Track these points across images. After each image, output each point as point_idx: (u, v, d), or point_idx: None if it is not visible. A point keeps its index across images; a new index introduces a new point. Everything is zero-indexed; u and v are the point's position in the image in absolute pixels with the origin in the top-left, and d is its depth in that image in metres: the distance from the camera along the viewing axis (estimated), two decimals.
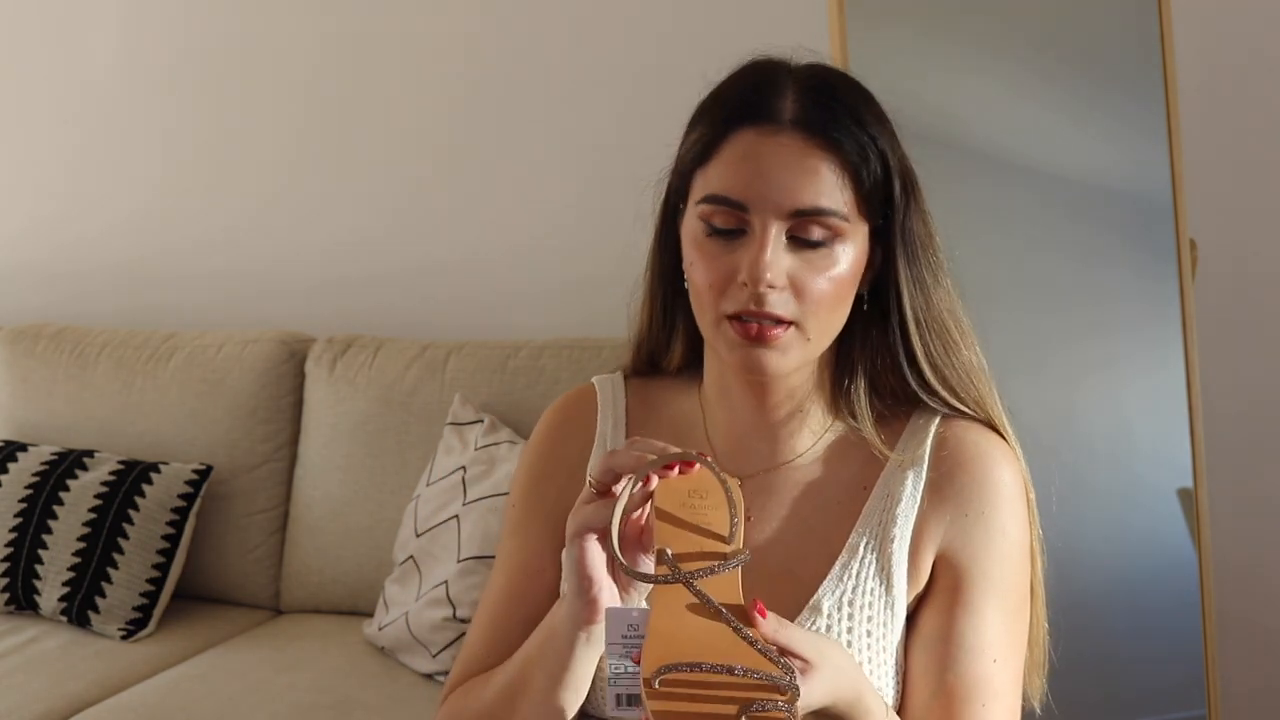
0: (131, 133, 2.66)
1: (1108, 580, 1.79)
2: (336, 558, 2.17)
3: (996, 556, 0.98)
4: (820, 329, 0.94)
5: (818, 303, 0.92)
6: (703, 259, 0.94)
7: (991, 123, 1.82)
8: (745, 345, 0.93)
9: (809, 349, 0.95)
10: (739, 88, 0.96)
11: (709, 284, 0.93)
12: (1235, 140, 1.99)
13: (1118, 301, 1.81)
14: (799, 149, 0.92)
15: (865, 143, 0.93)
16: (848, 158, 0.92)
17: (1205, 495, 1.77)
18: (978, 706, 0.94)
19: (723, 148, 0.94)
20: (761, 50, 1.01)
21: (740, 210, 0.92)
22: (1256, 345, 2.02)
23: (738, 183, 0.92)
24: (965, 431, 1.01)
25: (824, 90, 0.95)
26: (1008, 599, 0.98)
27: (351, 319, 2.45)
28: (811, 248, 0.92)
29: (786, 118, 0.92)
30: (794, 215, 0.91)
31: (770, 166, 0.91)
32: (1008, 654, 0.97)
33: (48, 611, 2.12)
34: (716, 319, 0.94)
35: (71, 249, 2.73)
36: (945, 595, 0.97)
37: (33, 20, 2.71)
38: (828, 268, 0.92)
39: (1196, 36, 1.93)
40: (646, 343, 1.08)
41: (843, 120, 0.93)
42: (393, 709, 1.79)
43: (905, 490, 0.99)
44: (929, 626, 0.97)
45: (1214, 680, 1.75)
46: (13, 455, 2.24)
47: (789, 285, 0.92)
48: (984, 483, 0.99)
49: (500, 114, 2.39)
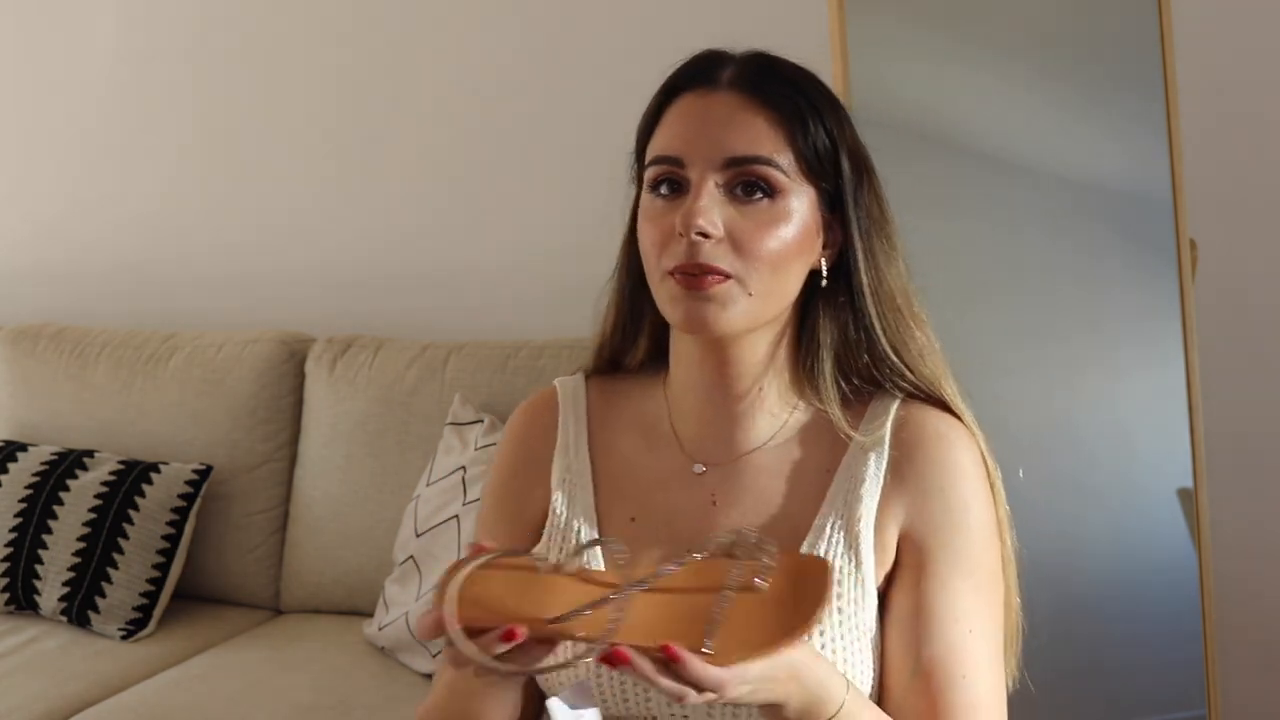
0: (133, 135, 2.66)
1: (1107, 581, 1.79)
2: (336, 558, 2.17)
3: (959, 530, 0.99)
4: (763, 287, 0.94)
5: (758, 257, 0.93)
6: (648, 220, 0.96)
7: (992, 122, 1.82)
8: (685, 298, 0.93)
9: (752, 306, 0.94)
10: (685, 64, 1.00)
11: (652, 242, 0.95)
12: (1235, 140, 1.99)
13: (1117, 301, 1.81)
14: (734, 103, 0.94)
15: (803, 106, 0.95)
16: (783, 114, 0.94)
17: (1205, 495, 1.77)
18: (958, 677, 0.95)
19: (665, 114, 0.98)
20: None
21: (678, 165, 0.94)
22: (1256, 345, 2.02)
23: (675, 139, 0.95)
24: (924, 414, 1.02)
25: (765, 61, 0.98)
26: (975, 573, 0.99)
27: (351, 319, 2.45)
28: (753, 200, 0.93)
29: (724, 79, 0.96)
30: (728, 165, 0.93)
31: (705, 121, 0.94)
32: (982, 625, 0.97)
33: (48, 611, 2.12)
34: (661, 277, 0.95)
35: (72, 250, 2.73)
36: (912, 572, 0.98)
37: (36, 23, 2.71)
38: (769, 223, 0.93)
39: (1196, 36, 1.93)
40: (611, 338, 1.09)
41: (780, 84, 0.95)
42: (393, 709, 1.79)
43: (868, 470, 1.00)
44: (900, 606, 0.98)
45: (1214, 681, 1.75)
46: (13, 455, 2.24)
47: (727, 238, 0.92)
48: (942, 462, 1.00)
49: (500, 116, 2.39)
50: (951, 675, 0.95)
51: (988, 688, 0.96)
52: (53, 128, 2.73)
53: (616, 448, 1.07)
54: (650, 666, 0.78)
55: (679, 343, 1.03)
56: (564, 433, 1.09)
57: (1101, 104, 1.79)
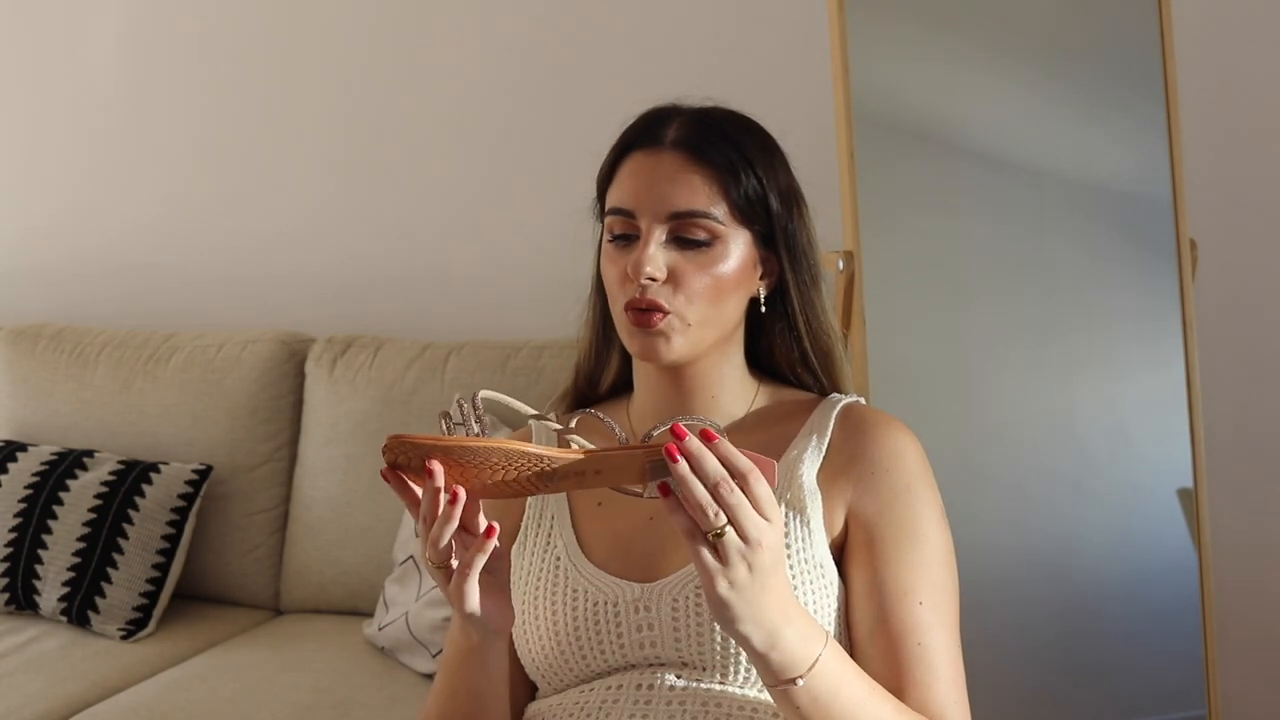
0: (133, 136, 2.66)
1: (1108, 580, 1.79)
2: (336, 558, 2.17)
3: (903, 507, 1.08)
4: (700, 318, 1.09)
5: (695, 293, 1.07)
6: (608, 261, 1.12)
7: (992, 122, 1.82)
8: (638, 333, 1.09)
9: (693, 334, 1.09)
10: (637, 122, 1.14)
11: (612, 280, 1.11)
12: (1235, 140, 1.99)
13: (1118, 301, 1.81)
14: (677, 164, 1.09)
15: (736, 160, 1.09)
16: (719, 171, 1.08)
17: (1205, 495, 1.77)
18: (913, 645, 1.04)
19: (619, 169, 1.12)
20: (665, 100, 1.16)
21: (630, 217, 1.09)
22: (1256, 345, 2.02)
23: (628, 194, 1.10)
24: (866, 410, 1.16)
25: (704, 119, 1.12)
26: (922, 548, 1.07)
27: (351, 319, 2.45)
28: (694, 247, 1.08)
29: (668, 140, 1.10)
30: (672, 218, 1.08)
31: (653, 179, 1.09)
32: (932, 597, 1.06)
33: (48, 611, 2.12)
34: (620, 310, 1.10)
35: (73, 250, 2.73)
36: (863, 550, 1.08)
37: (39, 25, 2.71)
38: (707, 264, 1.08)
39: (1196, 36, 1.93)
40: (587, 361, 1.24)
41: (716, 142, 1.09)
42: (393, 709, 1.79)
43: (810, 443, 1.12)
44: (857, 583, 1.08)
45: (1214, 680, 1.75)
46: (13, 455, 2.24)
47: (670, 279, 1.07)
48: (885, 444, 1.11)
49: (500, 115, 2.39)
50: (907, 643, 1.04)
51: (940, 651, 1.04)
52: (55, 128, 2.73)
53: None
54: (701, 453, 0.88)
55: (640, 364, 1.18)
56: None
57: (1102, 104, 1.80)
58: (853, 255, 1.76)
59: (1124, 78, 1.79)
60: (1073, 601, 1.78)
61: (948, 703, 1.03)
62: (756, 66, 2.17)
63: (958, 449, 1.76)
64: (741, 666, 1.04)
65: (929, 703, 1.02)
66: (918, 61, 1.81)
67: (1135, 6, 1.77)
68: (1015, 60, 1.83)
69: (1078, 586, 1.78)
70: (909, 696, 1.02)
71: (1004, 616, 1.75)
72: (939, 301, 1.81)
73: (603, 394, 1.24)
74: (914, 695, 1.02)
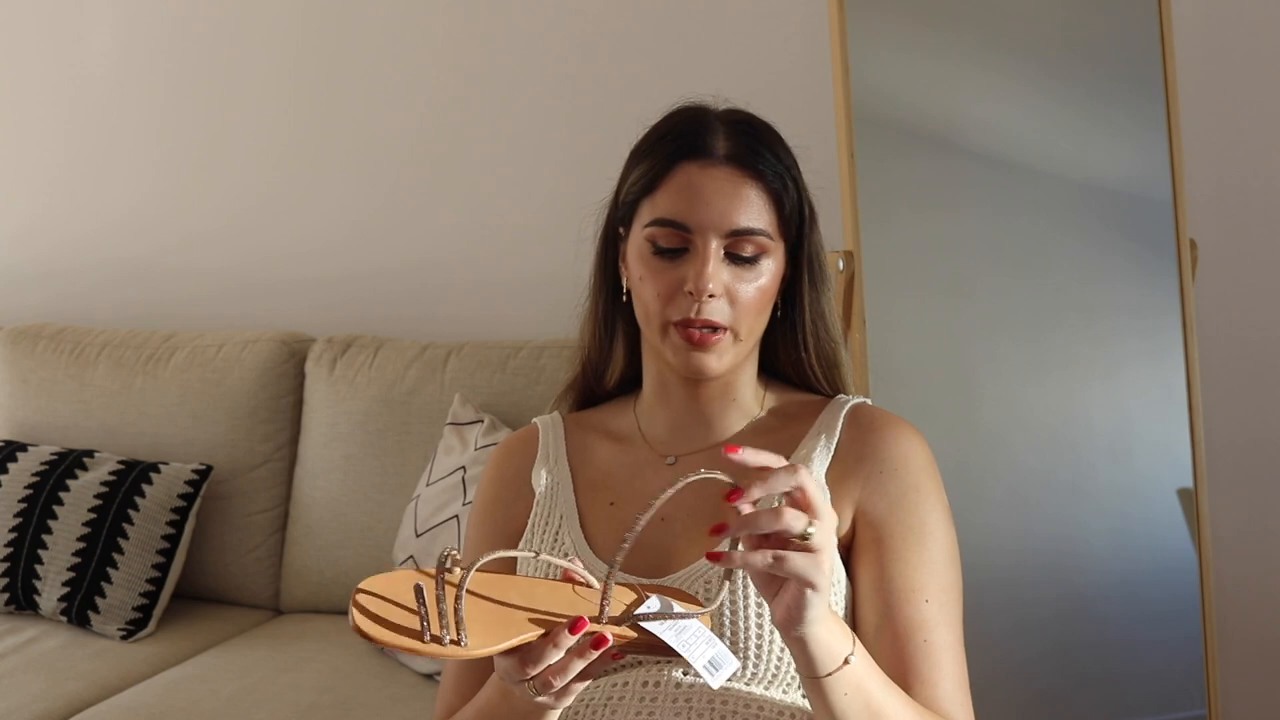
0: (132, 132, 2.66)
1: (1108, 580, 1.79)
2: (336, 558, 2.17)
3: (911, 506, 1.10)
4: (749, 331, 1.11)
5: (748, 308, 1.09)
6: (650, 274, 1.10)
7: (992, 122, 1.82)
8: (688, 349, 1.09)
9: (740, 349, 1.11)
10: (676, 128, 1.13)
11: (656, 294, 1.09)
12: (1235, 140, 1.99)
13: (1118, 301, 1.81)
14: (734, 179, 1.09)
15: (783, 173, 1.11)
16: (771, 185, 1.10)
17: (1205, 495, 1.77)
18: (919, 642, 1.05)
19: (667, 179, 1.10)
20: (684, 98, 1.17)
21: (685, 231, 1.08)
22: (1256, 345, 2.02)
23: (683, 207, 1.08)
24: (874, 410, 1.17)
25: (748, 130, 1.12)
26: (929, 547, 1.09)
27: (351, 319, 2.45)
28: (745, 263, 1.09)
29: (721, 153, 1.09)
30: (731, 234, 1.08)
31: (711, 194, 1.08)
32: (939, 596, 1.07)
33: (47, 611, 2.12)
34: (663, 325, 1.10)
35: (72, 249, 2.73)
36: (871, 549, 1.09)
37: (28, 20, 2.71)
38: (756, 279, 1.10)
39: (1196, 36, 1.93)
40: (590, 360, 1.24)
41: (765, 155, 1.10)
42: (393, 709, 1.79)
43: (819, 443, 1.13)
44: (864, 581, 1.09)
45: (1214, 680, 1.75)
46: (13, 455, 2.24)
47: (725, 294, 1.08)
48: (894, 444, 1.12)
49: (501, 115, 2.39)
50: (913, 640, 1.05)
51: (945, 649, 1.06)
52: (53, 126, 2.73)
53: (592, 455, 1.20)
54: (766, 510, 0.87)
55: (656, 362, 1.17)
56: (544, 448, 1.22)
57: (1102, 104, 1.80)
58: (853, 255, 1.76)
59: (1124, 77, 1.79)
60: (1072, 601, 1.78)
61: (953, 700, 1.05)
62: (757, 66, 2.16)
63: (957, 448, 1.76)
64: (749, 662, 1.05)
65: (935, 699, 1.04)
66: (918, 61, 1.81)
67: (1135, 6, 1.77)
68: (1016, 60, 1.83)
69: (1077, 586, 1.78)
70: (915, 693, 1.03)
71: (1004, 617, 1.75)
72: (939, 301, 1.81)
73: (610, 390, 1.25)
74: (920, 692, 1.04)
